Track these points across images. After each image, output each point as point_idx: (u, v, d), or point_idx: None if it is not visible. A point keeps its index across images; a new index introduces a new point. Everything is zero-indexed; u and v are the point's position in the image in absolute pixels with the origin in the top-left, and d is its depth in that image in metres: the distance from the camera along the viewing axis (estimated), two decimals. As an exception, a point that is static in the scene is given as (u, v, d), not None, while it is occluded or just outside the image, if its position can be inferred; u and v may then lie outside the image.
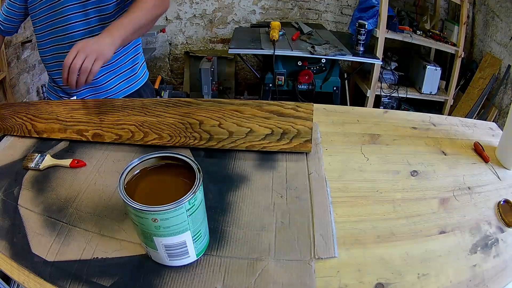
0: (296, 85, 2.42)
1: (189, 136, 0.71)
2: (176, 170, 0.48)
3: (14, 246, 0.52)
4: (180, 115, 0.71)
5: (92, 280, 0.47)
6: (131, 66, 1.14)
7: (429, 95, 2.72)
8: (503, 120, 2.32)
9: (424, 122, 0.85)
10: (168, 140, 0.71)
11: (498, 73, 2.41)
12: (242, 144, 0.70)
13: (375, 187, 0.64)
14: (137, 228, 0.45)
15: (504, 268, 0.52)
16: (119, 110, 0.73)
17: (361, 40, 2.41)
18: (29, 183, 0.64)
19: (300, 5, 3.22)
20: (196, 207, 0.44)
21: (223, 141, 0.71)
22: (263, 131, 0.71)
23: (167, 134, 0.72)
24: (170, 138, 0.71)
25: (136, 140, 0.72)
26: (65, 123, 0.75)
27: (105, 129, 0.73)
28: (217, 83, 3.01)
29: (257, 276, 0.48)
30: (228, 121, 0.71)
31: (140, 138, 0.72)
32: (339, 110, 0.88)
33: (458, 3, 2.52)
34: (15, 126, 0.77)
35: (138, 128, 0.73)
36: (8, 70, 2.19)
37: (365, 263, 0.51)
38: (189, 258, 0.49)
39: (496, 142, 0.77)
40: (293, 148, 0.70)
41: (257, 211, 0.58)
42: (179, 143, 0.71)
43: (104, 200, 0.60)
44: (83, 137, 0.73)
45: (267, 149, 0.70)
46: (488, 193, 0.64)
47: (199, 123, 0.71)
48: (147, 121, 0.73)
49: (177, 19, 3.25)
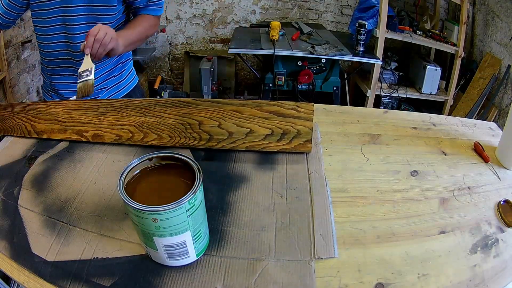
0: (296, 85, 2.42)
1: (188, 137, 0.71)
2: (176, 170, 0.48)
3: (14, 246, 0.52)
4: (179, 115, 0.71)
5: (92, 280, 0.47)
6: (119, 72, 1.20)
7: (429, 95, 2.72)
8: (503, 120, 2.32)
9: (424, 122, 0.85)
10: (168, 141, 0.71)
11: (498, 73, 2.41)
12: (242, 145, 0.70)
13: (375, 187, 0.64)
14: (137, 228, 0.45)
15: (504, 268, 0.52)
16: (118, 111, 0.73)
17: (361, 40, 2.41)
18: (29, 183, 0.64)
19: (300, 5, 3.22)
20: (196, 207, 0.44)
21: (223, 141, 0.71)
22: (263, 132, 0.71)
23: (166, 134, 0.72)
24: (170, 139, 0.71)
25: (136, 140, 0.72)
26: (65, 123, 0.75)
27: (105, 129, 0.73)
28: (217, 83, 3.01)
29: (257, 276, 0.48)
30: (227, 121, 0.71)
31: (140, 138, 0.72)
32: (339, 110, 0.88)
33: (458, 3, 2.52)
34: (15, 127, 0.77)
35: (137, 129, 0.73)
36: (8, 70, 2.19)
37: (365, 263, 0.51)
38: (189, 258, 0.49)
39: (496, 142, 0.77)
40: (293, 148, 0.70)
41: (257, 211, 0.58)
42: (179, 143, 0.71)
43: (104, 200, 0.60)
44: (83, 138, 0.73)
45: (267, 149, 0.70)
46: (488, 193, 0.64)
47: (199, 123, 0.71)
48: (146, 121, 0.73)
49: (177, 19, 3.25)
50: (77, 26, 1.02)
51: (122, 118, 0.73)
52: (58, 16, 1.00)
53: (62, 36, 1.04)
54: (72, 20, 1.01)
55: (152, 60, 3.44)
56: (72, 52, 1.05)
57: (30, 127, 0.76)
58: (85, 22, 1.02)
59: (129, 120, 0.73)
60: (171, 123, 0.71)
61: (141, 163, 0.48)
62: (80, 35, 1.02)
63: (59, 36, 1.04)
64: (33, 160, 0.70)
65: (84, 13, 1.01)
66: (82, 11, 1.00)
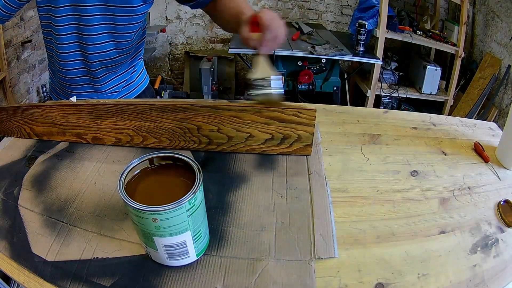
0: (296, 85, 2.42)
1: (188, 140, 0.71)
2: (176, 170, 0.48)
3: (14, 246, 0.52)
4: (177, 120, 0.70)
5: (92, 280, 0.47)
6: (131, 74, 1.12)
7: (429, 95, 2.72)
8: (503, 120, 2.32)
9: (424, 122, 0.85)
10: (168, 144, 0.72)
11: (498, 73, 2.41)
12: (242, 148, 0.70)
13: (375, 187, 0.64)
14: (137, 228, 0.45)
15: (504, 268, 0.52)
16: (113, 115, 0.72)
17: (361, 40, 2.41)
18: (29, 183, 0.64)
19: (300, 5, 3.22)
20: (196, 207, 0.44)
21: (222, 145, 0.71)
22: (263, 136, 0.70)
23: (166, 138, 0.72)
24: (170, 142, 0.72)
25: (136, 143, 0.72)
26: (62, 127, 0.75)
27: (104, 133, 0.73)
28: (217, 83, 3.01)
29: (257, 276, 0.48)
30: (227, 126, 0.69)
31: (140, 141, 0.72)
32: (339, 110, 0.88)
33: (458, 3, 2.52)
34: (14, 129, 0.77)
35: (136, 132, 0.72)
36: (8, 70, 2.19)
37: (365, 263, 0.51)
38: (189, 258, 0.49)
39: (496, 142, 0.77)
40: (293, 151, 0.70)
41: (257, 211, 0.58)
42: (179, 146, 0.71)
43: (104, 200, 0.60)
44: (83, 140, 0.74)
45: (267, 152, 0.70)
46: (488, 193, 0.64)
47: (197, 128, 0.70)
48: (144, 125, 0.72)
49: (177, 19, 3.25)
50: (91, 27, 0.91)
51: (119, 123, 0.72)
52: (71, 23, 0.90)
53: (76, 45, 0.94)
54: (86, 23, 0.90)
55: (152, 60, 3.44)
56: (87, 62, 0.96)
57: (29, 129, 0.76)
58: (100, 25, 0.91)
59: (126, 124, 0.72)
60: (169, 128, 0.71)
61: (141, 163, 0.48)
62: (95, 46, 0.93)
63: (73, 46, 0.94)
64: (33, 160, 0.70)
65: (100, 17, 0.90)
66: (97, 14, 0.89)
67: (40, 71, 2.64)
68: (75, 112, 0.74)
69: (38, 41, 2.54)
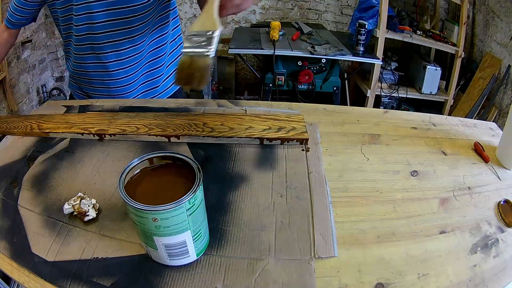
0: (296, 85, 2.42)
1: (191, 129, 0.75)
2: (176, 170, 0.48)
3: (14, 246, 0.52)
4: (186, 119, 0.79)
5: (92, 280, 0.47)
6: (152, 78, 1.10)
7: (429, 95, 2.72)
8: (503, 120, 2.32)
9: (424, 122, 0.85)
10: (171, 132, 0.74)
11: (498, 73, 2.41)
12: (242, 133, 0.74)
13: (375, 187, 0.64)
14: (137, 227, 0.45)
15: (504, 268, 0.52)
16: (130, 117, 0.81)
17: (361, 40, 2.41)
18: (29, 183, 0.64)
19: (300, 5, 3.22)
20: (196, 206, 0.44)
21: (224, 132, 0.75)
22: (262, 127, 0.76)
23: (171, 129, 0.76)
24: (173, 131, 0.74)
25: (140, 133, 0.74)
26: (73, 123, 0.79)
27: (112, 127, 0.77)
28: (217, 83, 3.01)
29: (257, 276, 0.48)
30: (229, 122, 0.78)
31: (145, 131, 0.75)
32: (339, 110, 0.88)
33: (458, 3, 2.52)
34: (19, 126, 0.79)
35: (144, 126, 0.77)
36: (8, 70, 2.19)
37: (365, 263, 0.51)
38: (189, 258, 0.49)
39: (496, 142, 0.77)
40: (291, 136, 0.73)
41: (257, 210, 0.58)
42: (182, 134, 0.74)
43: (104, 200, 0.60)
44: (86, 131, 0.75)
45: (266, 137, 0.73)
46: (488, 193, 0.64)
47: (203, 123, 0.77)
48: (154, 122, 0.78)
49: (177, 19, 3.24)
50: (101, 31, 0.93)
51: (132, 121, 0.79)
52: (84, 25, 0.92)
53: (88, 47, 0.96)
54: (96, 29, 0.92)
55: (152, 60, 3.43)
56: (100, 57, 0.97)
57: (36, 126, 0.78)
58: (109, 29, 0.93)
59: (138, 121, 0.78)
60: (178, 123, 0.77)
61: (141, 163, 0.48)
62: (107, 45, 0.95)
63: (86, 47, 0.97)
64: (33, 160, 0.70)
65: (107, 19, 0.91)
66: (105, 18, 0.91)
67: (40, 71, 2.64)
68: (96, 115, 0.82)
69: (38, 41, 2.54)
